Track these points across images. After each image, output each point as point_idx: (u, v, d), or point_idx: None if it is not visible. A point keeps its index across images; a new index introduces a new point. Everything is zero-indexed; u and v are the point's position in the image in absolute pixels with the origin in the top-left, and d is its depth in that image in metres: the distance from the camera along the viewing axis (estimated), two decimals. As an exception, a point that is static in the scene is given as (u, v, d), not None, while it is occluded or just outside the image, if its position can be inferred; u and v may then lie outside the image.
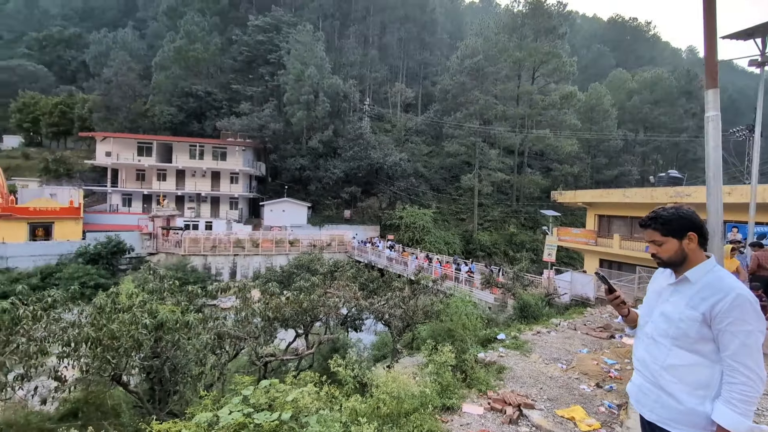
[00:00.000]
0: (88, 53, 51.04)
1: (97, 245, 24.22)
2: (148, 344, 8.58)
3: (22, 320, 8.46)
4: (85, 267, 23.02)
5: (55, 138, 44.30)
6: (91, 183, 35.58)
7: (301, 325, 10.70)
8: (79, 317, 10.47)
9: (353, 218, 38.25)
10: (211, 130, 40.46)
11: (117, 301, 11.29)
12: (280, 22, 45.60)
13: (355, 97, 45.31)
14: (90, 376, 8.66)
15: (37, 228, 26.51)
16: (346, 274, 13.88)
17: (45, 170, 35.97)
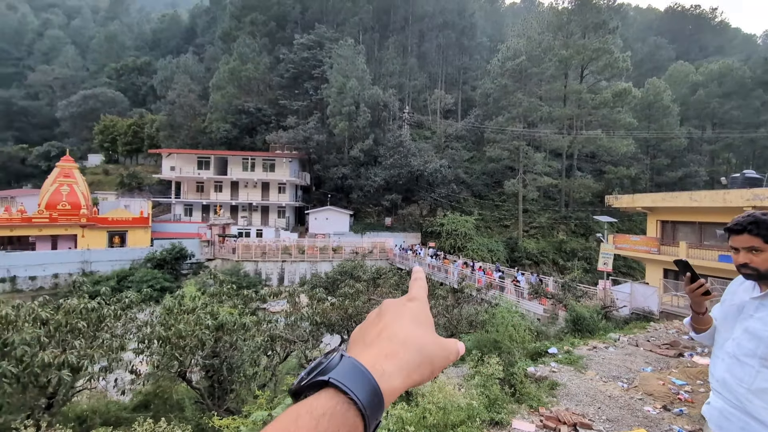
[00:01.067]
0: (156, 78, 56.79)
1: (163, 251, 26.65)
2: (209, 344, 9.31)
3: (105, 318, 9.59)
4: (153, 271, 25.40)
5: (129, 155, 49.58)
6: (158, 195, 39.37)
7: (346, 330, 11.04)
8: (151, 317, 11.61)
9: (394, 226, 38.54)
10: (261, 143, 43.02)
11: (182, 303, 12.37)
12: (323, 38, 47.64)
13: (395, 105, 45.94)
14: (160, 372, 9.57)
15: (114, 236, 29.76)
16: (389, 281, 14.06)
17: (121, 184, 40.46)
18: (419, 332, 0.52)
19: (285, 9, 54.35)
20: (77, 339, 8.39)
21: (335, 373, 0.43)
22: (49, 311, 8.92)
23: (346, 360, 0.44)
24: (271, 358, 10.40)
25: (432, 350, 0.52)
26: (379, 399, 0.43)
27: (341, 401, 0.41)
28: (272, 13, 52.98)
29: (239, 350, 9.69)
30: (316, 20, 52.34)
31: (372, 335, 0.51)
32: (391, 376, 0.46)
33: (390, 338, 0.50)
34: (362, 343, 0.51)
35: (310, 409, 0.40)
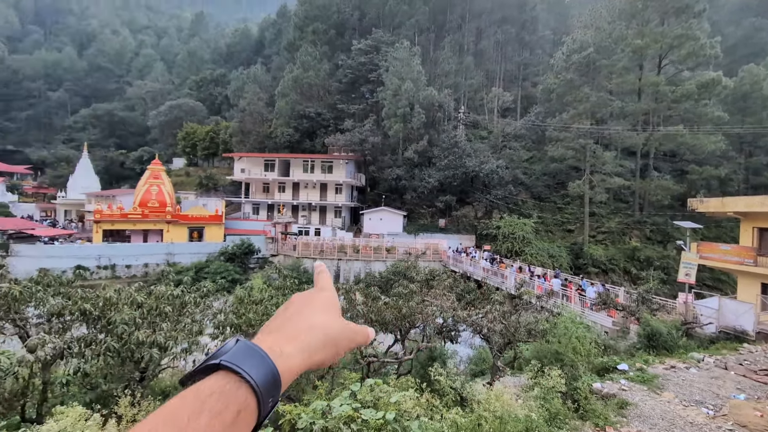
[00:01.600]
0: (229, 88, 62.38)
1: (234, 246, 29.23)
2: (275, 334, 10.08)
3: (187, 305, 10.84)
4: (225, 264, 27.98)
5: (207, 159, 55.04)
6: (231, 195, 43.26)
7: (399, 330, 11.24)
8: (225, 305, 12.84)
9: (448, 227, 38.07)
10: (320, 146, 45.16)
11: (251, 294, 13.50)
12: (380, 42, 48.61)
13: (450, 106, 45.36)
14: None
15: (193, 231, 33.30)
16: (442, 283, 14.01)
17: (199, 185, 45.17)
18: (325, 317, 0.57)
19: (344, 17, 56.40)
20: (164, 322, 9.63)
21: (227, 356, 0.44)
22: (143, 296, 10.37)
23: (240, 343, 0.47)
24: (329, 351, 10.99)
25: (336, 333, 0.56)
26: (275, 378, 0.45)
27: (231, 380, 0.42)
28: (332, 22, 55.29)
29: (301, 341, 10.40)
30: (373, 25, 53.55)
31: (276, 324, 0.55)
32: (291, 356, 0.48)
33: (295, 324, 0.54)
34: (265, 332, 0.53)
35: (196, 391, 0.41)
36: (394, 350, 12.05)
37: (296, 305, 0.59)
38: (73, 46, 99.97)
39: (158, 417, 0.39)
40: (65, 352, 7.49)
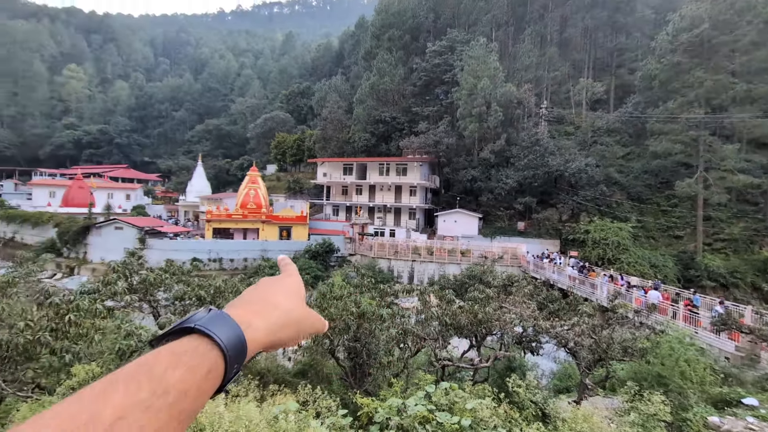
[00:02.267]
0: (313, 99, 67.58)
1: (317, 245, 31.66)
2: (353, 328, 10.80)
3: None
4: (309, 261, 30.45)
5: (294, 164, 60.42)
6: (314, 197, 46.91)
7: (474, 335, 11.07)
8: (309, 300, 14.07)
9: (528, 231, 35.84)
10: (395, 149, 46.26)
11: (332, 290, 14.54)
12: (455, 42, 47.93)
13: (531, 101, 42.67)
14: (315, 347, 11.52)
15: (283, 230, 36.91)
16: (522, 290, 13.36)
17: (288, 188, 49.90)
18: (289, 300, 0.63)
19: (419, 21, 56.91)
20: None
21: (201, 321, 0.49)
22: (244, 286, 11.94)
23: (213, 312, 0.52)
24: (403, 350, 11.27)
25: (299, 316, 0.63)
26: (242, 345, 0.50)
27: (204, 342, 0.46)
28: (407, 27, 56.22)
29: (376, 338, 10.86)
30: (448, 26, 53.06)
31: (245, 300, 0.60)
32: (257, 329, 0.54)
33: (262, 301, 0.60)
34: (234, 305, 0.58)
35: (171, 348, 0.45)
36: (469, 356, 11.90)
37: (264, 286, 0.65)
38: (190, 72, 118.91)
39: (134, 366, 0.41)
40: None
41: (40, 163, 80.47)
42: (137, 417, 0.36)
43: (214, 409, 5.60)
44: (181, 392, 0.41)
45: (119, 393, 0.37)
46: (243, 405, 6.65)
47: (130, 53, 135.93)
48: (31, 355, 7.26)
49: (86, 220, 34.52)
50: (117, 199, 48.60)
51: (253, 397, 7.62)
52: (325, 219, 42.95)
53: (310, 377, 11.96)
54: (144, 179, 68.43)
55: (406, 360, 10.99)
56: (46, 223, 36.44)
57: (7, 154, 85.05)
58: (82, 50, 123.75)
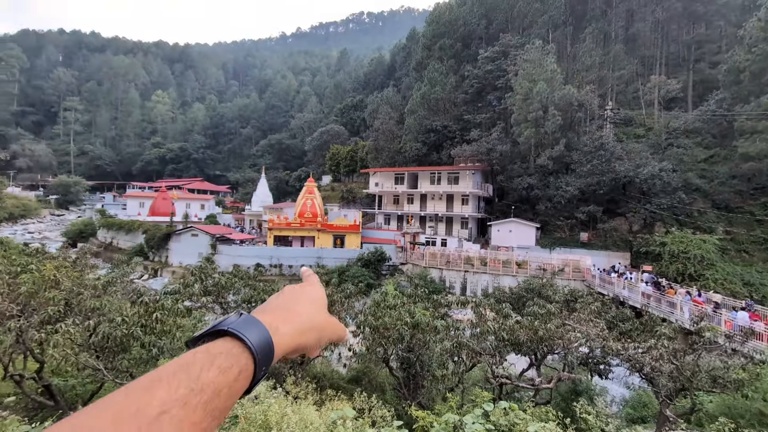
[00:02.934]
0: (366, 111, 69.84)
1: (369, 254, 32.35)
2: (407, 339, 10.89)
3: (335, 303, 12.65)
4: (362, 269, 31.18)
5: (348, 175, 62.68)
6: (366, 206, 48.13)
7: (534, 353, 10.55)
8: (364, 307, 14.41)
9: (592, 242, 33.31)
10: (446, 158, 45.94)
11: (386, 299, 14.77)
12: (508, 47, 46.72)
13: (593, 103, 39.98)
14: (369, 354, 11.76)
15: (336, 239, 38.32)
16: (588, 306, 12.47)
17: (341, 198, 51.82)
18: (311, 308, 0.67)
19: (470, 28, 56.45)
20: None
21: (234, 324, 0.53)
22: (304, 292, 12.62)
23: (245, 316, 0.56)
24: (458, 364, 11.08)
25: (321, 323, 0.67)
26: (271, 348, 0.54)
27: (237, 345, 0.51)
28: (458, 35, 56.04)
29: (430, 350, 10.83)
30: (501, 31, 51.93)
31: (271, 306, 0.65)
32: (284, 334, 0.58)
33: (287, 308, 0.64)
34: (261, 311, 0.62)
35: (207, 349, 0.50)
36: (529, 375, 11.35)
37: (288, 294, 0.69)
38: (256, 92, 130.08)
39: (175, 365, 0.46)
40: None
41: (132, 178, 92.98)
42: (177, 412, 0.41)
43: (281, 410, 6.03)
44: (215, 391, 0.45)
45: (162, 389, 0.42)
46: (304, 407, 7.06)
47: (205, 78, 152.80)
48: (125, 347, 8.40)
49: (168, 228, 38.90)
50: (193, 209, 54.20)
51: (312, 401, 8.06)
52: (376, 228, 43.77)
53: (363, 385, 12.09)
54: (215, 191, 75.63)
55: (461, 375, 10.79)
56: (136, 230, 41.72)
57: (108, 169, 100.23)
58: (167, 78, 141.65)
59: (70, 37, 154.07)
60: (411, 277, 29.27)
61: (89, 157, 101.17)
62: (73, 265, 17.11)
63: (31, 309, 8.58)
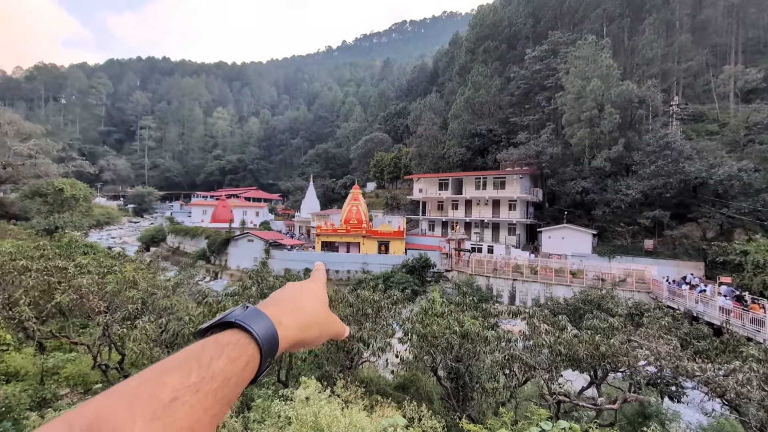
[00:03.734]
0: (409, 118, 70.36)
1: (413, 260, 32.30)
2: (455, 348, 10.70)
3: (382, 309, 12.76)
4: (406, 276, 31.18)
5: (391, 181, 63.39)
6: (410, 213, 48.25)
7: (593, 370, 9.88)
8: (411, 314, 14.40)
9: (658, 250, 30.46)
10: (492, 162, 44.75)
11: (433, 307, 14.65)
12: (557, 45, 44.68)
13: (656, 98, 36.80)
14: (416, 362, 11.69)
15: (381, 245, 38.76)
16: (657, 321, 11.43)
17: (385, 204, 52.45)
18: (314, 304, 0.70)
19: (516, 28, 54.88)
20: (367, 321, 11.70)
21: (241, 316, 0.56)
22: (353, 297, 12.90)
23: (251, 309, 0.59)
24: (510, 378, 10.67)
25: (323, 319, 0.70)
26: (275, 341, 0.57)
27: (244, 336, 0.53)
28: (503, 36, 54.68)
29: (480, 361, 10.54)
30: (549, 28, 49.87)
31: (275, 300, 0.66)
32: (287, 327, 0.60)
33: (290, 303, 0.66)
34: (265, 305, 0.64)
35: (216, 340, 0.52)
36: (588, 393, 10.64)
37: (291, 290, 0.71)
38: (305, 104, 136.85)
39: (186, 354, 0.48)
40: None
41: (197, 187, 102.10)
42: (189, 398, 0.43)
43: (332, 413, 6.22)
44: (224, 379, 0.48)
45: (175, 377, 0.44)
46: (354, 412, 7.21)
47: (260, 94, 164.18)
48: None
49: (227, 234, 41.87)
50: (249, 216, 57.91)
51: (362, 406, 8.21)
52: (421, 234, 43.59)
53: (411, 393, 11.98)
54: (268, 198, 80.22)
55: (513, 389, 10.39)
56: (199, 236, 45.41)
57: (176, 180, 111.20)
58: (226, 95, 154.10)
59: (145, 63, 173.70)
60: (458, 284, 28.73)
61: (160, 170, 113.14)
62: (148, 267, 19.13)
63: (115, 306, 9.71)
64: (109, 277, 11.54)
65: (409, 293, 26.28)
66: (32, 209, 37.36)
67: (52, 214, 35.97)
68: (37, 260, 11.21)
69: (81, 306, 9.36)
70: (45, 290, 9.31)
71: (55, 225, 33.14)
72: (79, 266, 11.38)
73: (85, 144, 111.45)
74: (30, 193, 37.69)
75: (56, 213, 36.57)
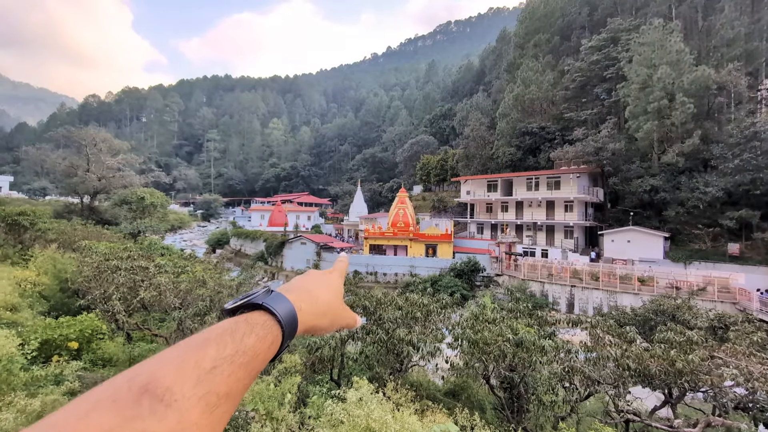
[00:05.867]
0: (455, 119, 69.26)
1: (462, 264, 31.61)
2: (509, 357, 10.28)
3: (432, 313, 12.60)
4: (455, 279, 30.58)
5: (438, 184, 62.82)
6: (458, 215, 47.38)
7: (668, 388, 8.95)
8: (461, 319, 14.09)
9: (745, 255, 26.79)
10: (545, 161, 42.46)
11: (484, 312, 14.22)
12: (617, 32, 41.33)
13: (740, 84, 32.50)
14: (467, 369, 11.39)
15: (428, 248, 38.47)
16: (747, 337, 10.06)
17: (432, 207, 52.03)
18: (331, 294, 0.75)
19: (570, 18, 51.78)
20: (416, 325, 11.64)
21: (267, 299, 0.61)
22: (402, 300, 12.93)
23: (274, 293, 0.63)
24: (569, 391, 10.02)
25: (336, 309, 0.75)
26: (295, 325, 0.62)
27: (269, 318, 0.59)
28: (556, 28, 51.84)
29: (536, 371, 10.02)
30: (608, 15, 46.33)
31: (295, 287, 0.71)
32: (305, 313, 0.66)
33: (309, 291, 0.71)
34: (287, 290, 0.68)
35: (246, 319, 0.58)
36: (662, 414, 9.65)
37: (311, 278, 0.77)
38: (352, 111, 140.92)
39: (221, 329, 0.53)
40: (354, 336, 10.53)
41: (255, 194, 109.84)
42: (226, 367, 0.49)
43: (382, 417, 6.29)
44: (254, 354, 0.53)
45: (213, 348, 0.50)
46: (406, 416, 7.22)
47: (310, 104, 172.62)
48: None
49: (282, 237, 44.23)
50: (302, 220, 60.75)
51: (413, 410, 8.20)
52: (469, 237, 42.53)
53: (462, 400, 11.76)
54: (319, 203, 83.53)
55: (575, 403, 9.75)
56: (258, 239, 48.45)
57: (237, 188, 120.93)
58: (280, 107, 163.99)
59: (210, 81, 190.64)
60: (510, 289, 27.54)
61: (224, 178, 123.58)
62: (215, 268, 20.80)
63: (188, 303, 10.69)
64: (183, 276, 12.67)
65: (458, 297, 25.50)
66: (120, 215, 42.40)
67: (136, 220, 40.26)
68: (125, 260, 12.70)
69: (160, 302, 10.40)
70: (131, 287, 10.42)
71: (138, 229, 36.89)
72: (158, 266, 12.54)
73: (161, 157, 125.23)
74: (119, 201, 42.78)
75: (139, 219, 40.89)
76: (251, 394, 6.39)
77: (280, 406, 6.20)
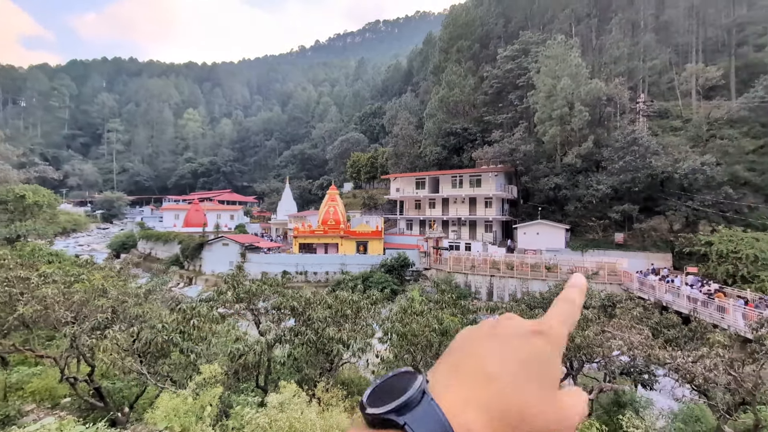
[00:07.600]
0: (385, 118, 70.25)
1: (392, 259, 32.13)
2: (436, 346, 10.58)
3: (362, 309, 12.48)
4: (385, 275, 30.96)
5: (368, 181, 63.07)
6: (388, 212, 48.10)
7: (569, 362, 9.99)
8: (390, 314, 14.16)
9: (628, 243, 31.59)
10: (468, 160, 45.21)
11: (413, 305, 14.48)
12: (528, 44, 45.72)
13: (623, 96, 38.23)
14: (396, 362, 11.49)
15: (359, 245, 38.38)
16: (629, 312, 11.69)
17: (363, 204, 52.06)
18: (528, 387, 0.40)
19: (488, 28, 55.84)
20: (346, 322, 11.40)
21: (412, 415, 0.38)
22: (331, 299, 12.57)
23: (428, 404, 0.39)
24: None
25: (537, 414, 0.39)
26: None
27: None
28: (476, 36, 55.48)
29: (461, 357, 10.43)
30: (520, 28, 51.08)
31: (470, 365, 0.43)
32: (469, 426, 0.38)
33: (489, 380, 0.40)
34: (453, 370, 0.43)
35: None
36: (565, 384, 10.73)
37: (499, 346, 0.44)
38: (279, 105, 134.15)
39: None
40: (282, 339, 9.92)
41: (168, 191, 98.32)
42: None
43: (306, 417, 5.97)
44: None
45: None
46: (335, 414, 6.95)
47: (232, 94, 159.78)
48: (165, 352, 8.64)
49: (201, 238, 40.33)
50: (223, 219, 56.12)
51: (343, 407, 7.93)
52: (399, 233, 43.50)
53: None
54: (243, 201, 78.08)
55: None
56: (172, 241, 43.57)
57: (146, 185, 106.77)
58: (197, 96, 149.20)
59: (111, 64, 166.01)
60: (437, 282, 28.74)
61: (129, 174, 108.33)
62: (118, 275, 18.10)
63: (83, 316, 9.03)
64: (77, 285, 10.85)
65: (388, 293, 26.08)
66: (-8, 218, 35.19)
67: (14, 223, 34.19)
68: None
69: (46, 317, 8.89)
70: (6, 302, 8.81)
71: (17, 234, 31.67)
72: (43, 276, 10.76)
73: (48, 148, 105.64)
74: (-11, 201, 35.48)
75: (18, 221, 34.75)
76: (164, 410, 5.71)
77: (199, 421, 5.67)
